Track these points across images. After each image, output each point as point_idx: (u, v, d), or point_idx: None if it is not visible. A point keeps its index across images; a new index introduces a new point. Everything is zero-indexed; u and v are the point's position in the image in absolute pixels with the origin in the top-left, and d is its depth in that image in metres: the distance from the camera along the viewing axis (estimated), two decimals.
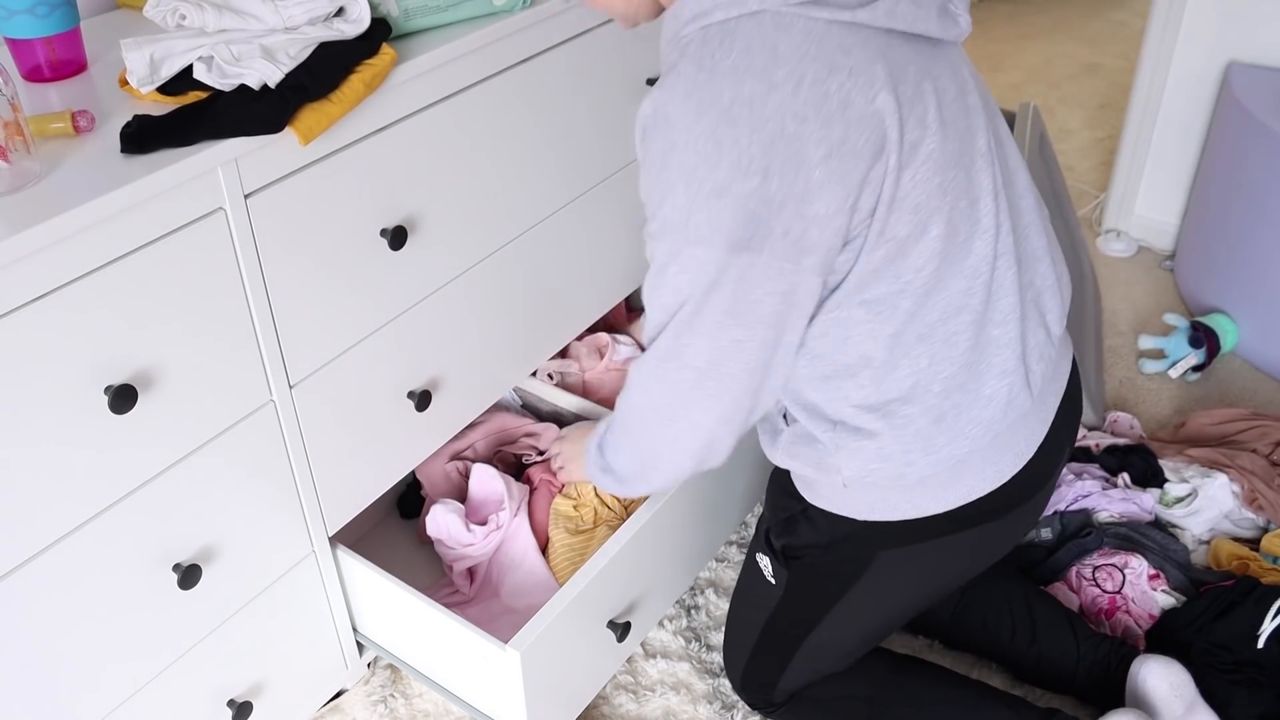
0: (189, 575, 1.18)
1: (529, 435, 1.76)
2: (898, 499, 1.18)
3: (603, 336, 1.82)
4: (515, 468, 1.76)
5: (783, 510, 1.30)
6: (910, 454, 1.12)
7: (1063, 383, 1.24)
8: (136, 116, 1.05)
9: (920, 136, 0.99)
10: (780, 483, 1.31)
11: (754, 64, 0.92)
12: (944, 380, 1.10)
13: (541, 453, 1.75)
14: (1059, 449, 1.23)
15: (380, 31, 1.21)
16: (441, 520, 1.60)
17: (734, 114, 0.92)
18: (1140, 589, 1.63)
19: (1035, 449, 1.19)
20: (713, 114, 0.93)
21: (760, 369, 1.05)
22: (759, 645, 1.40)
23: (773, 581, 1.34)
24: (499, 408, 1.79)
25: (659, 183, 0.97)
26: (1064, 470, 1.83)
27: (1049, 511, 1.79)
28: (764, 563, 1.35)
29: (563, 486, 1.64)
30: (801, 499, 1.26)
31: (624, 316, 2.00)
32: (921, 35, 1.01)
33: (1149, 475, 1.83)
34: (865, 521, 1.20)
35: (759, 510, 1.89)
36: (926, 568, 1.25)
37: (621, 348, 1.80)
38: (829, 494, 1.22)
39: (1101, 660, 1.48)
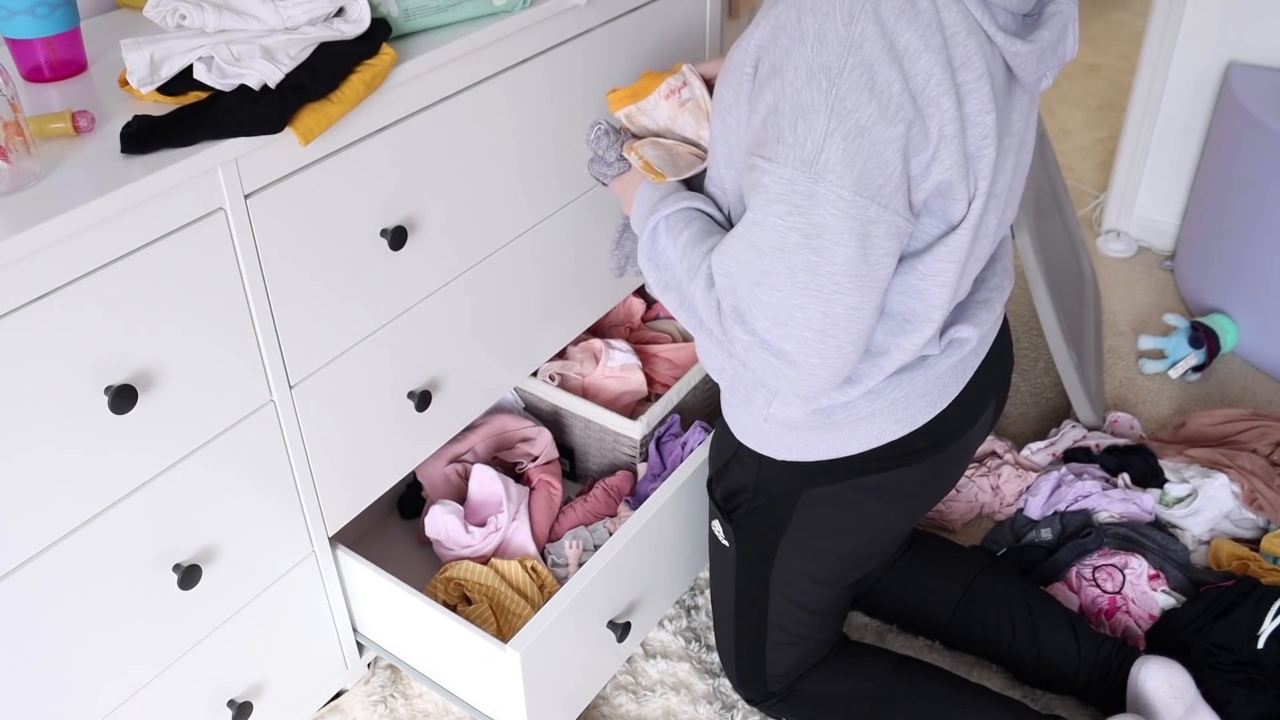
0: (189, 575, 1.18)
1: (525, 440, 1.76)
2: (813, 439, 1.21)
3: (596, 342, 1.82)
4: (512, 472, 1.76)
5: (718, 460, 1.37)
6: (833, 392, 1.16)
7: (990, 341, 1.28)
8: (136, 116, 1.05)
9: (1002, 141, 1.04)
10: (719, 428, 1.37)
11: (919, 20, 0.91)
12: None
13: (535, 458, 1.75)
14: (981, 401, 1.28)
15: (380, 31, 1.21)
16: (440, 521, 1.60)
17: (893, 57, 0.91)
18: (1140, 589, 1.63)
19: (950, 400, 1.23)
20: (874, 48, 0.90)
21: (864, 339, 1.03)
22: (738, 628, 1.43)
23: (726, 544, 1.38)
24: (499, 409, 1.80)
25: (795, 100, 0.93)
26: (1064, 470, 1.83)
27: (1049, 512, 1.79)
28: (716, 528, 1.40)
29: (561, 491, 1.64)
30: (733, 441, 1.31)
31: (631, 317, 2.00)
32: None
33: (1149, 475, 1.83)
34: (785, 461, 1.25)
35: None
36: (850, 509, 1.28)
37: (615, 353, 1.80)
38: (753, 431, 1.26)
39: (1102, 661, 1.48)
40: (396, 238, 1.29)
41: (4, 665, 1.05)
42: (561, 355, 1.82)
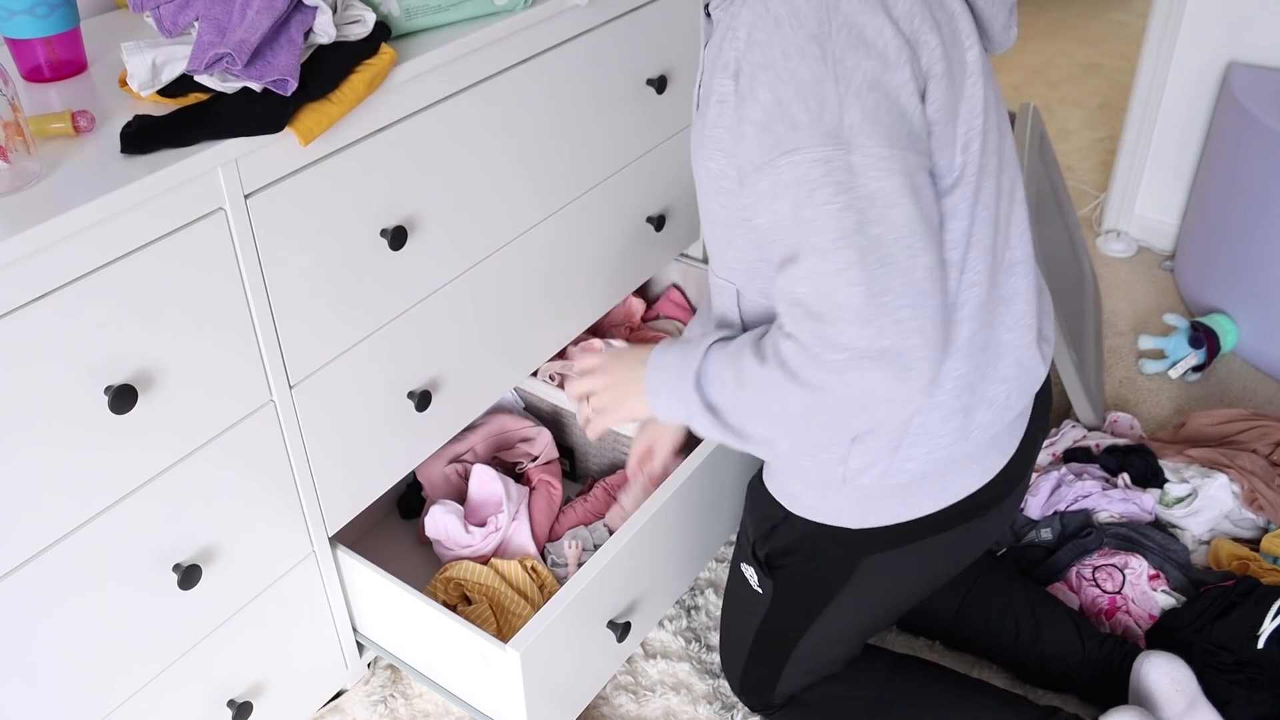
0: (189, 575, 1.18)
1: (525, 440, 1.75)
2: (886, 500, 1.16)
3: (595, 342, 1.82)
4: (512, 472, 1.76)
5: (765, 520, 1.28)
6: (914, 449, 1.12)
7: (1041, 377, 1.25)
8: (137, 116, 1.05)
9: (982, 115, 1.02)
10: (759, 491, 1.29)
11: None
12: (957, 379, 1.10)
13: (535, 458, 1.75)
14: (1035, 440, 1.25)
15: (380, 31, 1.21)
16: (440, 521, 1.60)
17: (872, 3, 0.89)
18: (1140, 589, 1.63)
19: (1018, 445, 1.20)
20: (849, 3, 0.89)
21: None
22: (753, 652, 1.40)
23: (759, 591, 1.33)
24: (499, 409, 1.80)
25: (794, 80, 0.89)
26: (1064, 470, 1.83)
27: (1049, 512, 1.79)
28: (749, 573, 1.34)
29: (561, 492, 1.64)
30: (782, 507, 1.25)
31: (631, 317, 2.00)
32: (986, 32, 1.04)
33: (1149, 475, 1.83)
34: (850, 528, 1.19)
35: None
36: (910, 569, 1.25)
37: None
38: (813, 501, 1.21)
39: (1105, 658, 1.48)
40: (396, 238, 1.29)
41: (4, 665, 1.05)
42: (561, 355, 1.82)
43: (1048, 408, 1.29)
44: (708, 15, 1.06)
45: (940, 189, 0.99)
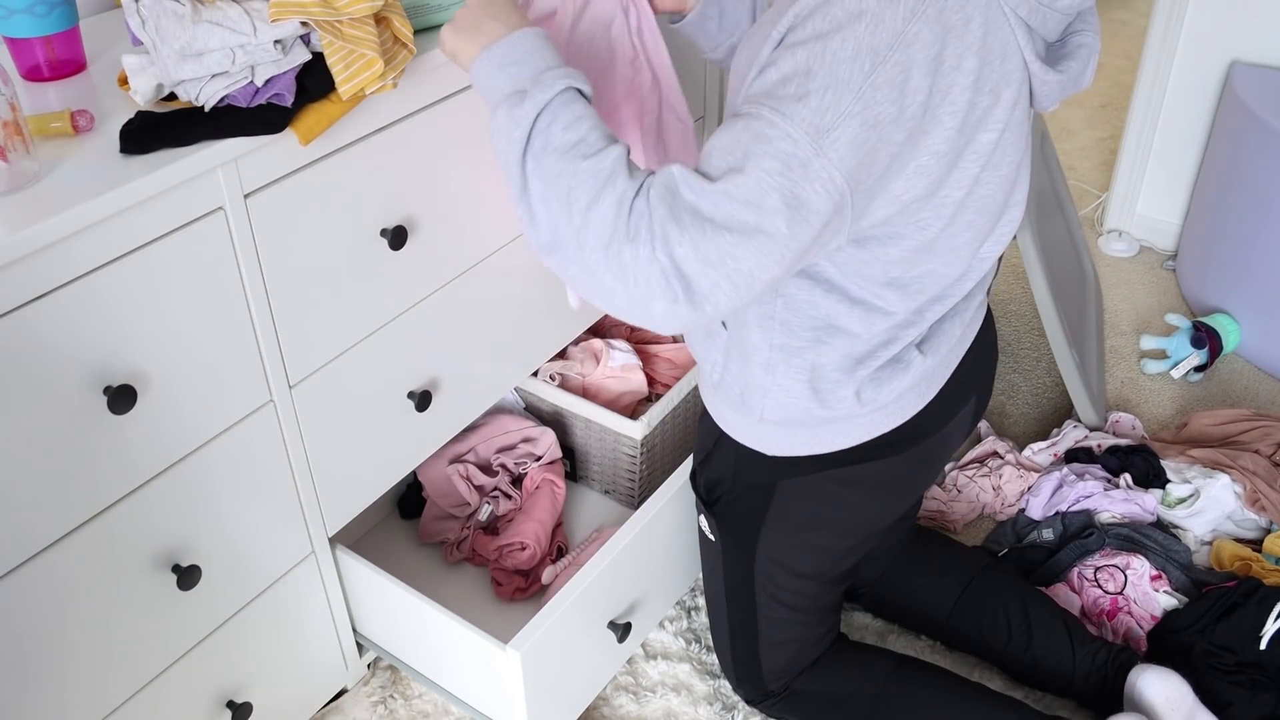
0: (188, 576, 1.18)
1: (527, 440, 1.75)
2: (804, 435, 1.22)
3: (596, 342, 1.82)
4: (515, 473, 1.76)
5: (701, 450, 1.37)
6: (840, 391, 1.17)
7: (972, 333, 1.29)
8: (140, 114, 1.05)
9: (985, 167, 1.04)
10: (703, 422, 1.36)
11: (971, 28, 0.94)
12: (887, 330, 1.15)
13: (538, 458, 1.74)
14: (961, 395, 1.29)
15: None
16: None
17: (933, 67, 0.93)
18: (1142, 590, 1.63)
19: (936, 392, 1.24)
20: (920, 52, 0.92)
21: (740, 309, 1.06)
22: (730, 625, 1.43)
23: (713, 538, 1.39)
24: (500, 410, 1.79)
25: (831, 72, 0.91)
26: (1066, 471, 1.83)
27: (1050, 512, 1.79)
28: (703, 522, 1.40)
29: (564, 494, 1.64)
30: (715, 430, 1.31)
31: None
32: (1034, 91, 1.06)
33: (1151, 476, 1.83)
34: (761, 453, 1.26)
35: None
36: (828, 500, 1.28)
37: (616, 353, 1.80)
38: (741, 427, 1.27)
39: (1098, 669, 1.48)
40: (396, 238, 1.28)
41: (4, 665, 1.05)
42: (562, 355, 1.82)
43: (989, 359, 1.34)
44: None
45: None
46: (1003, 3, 0.97)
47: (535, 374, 1.77)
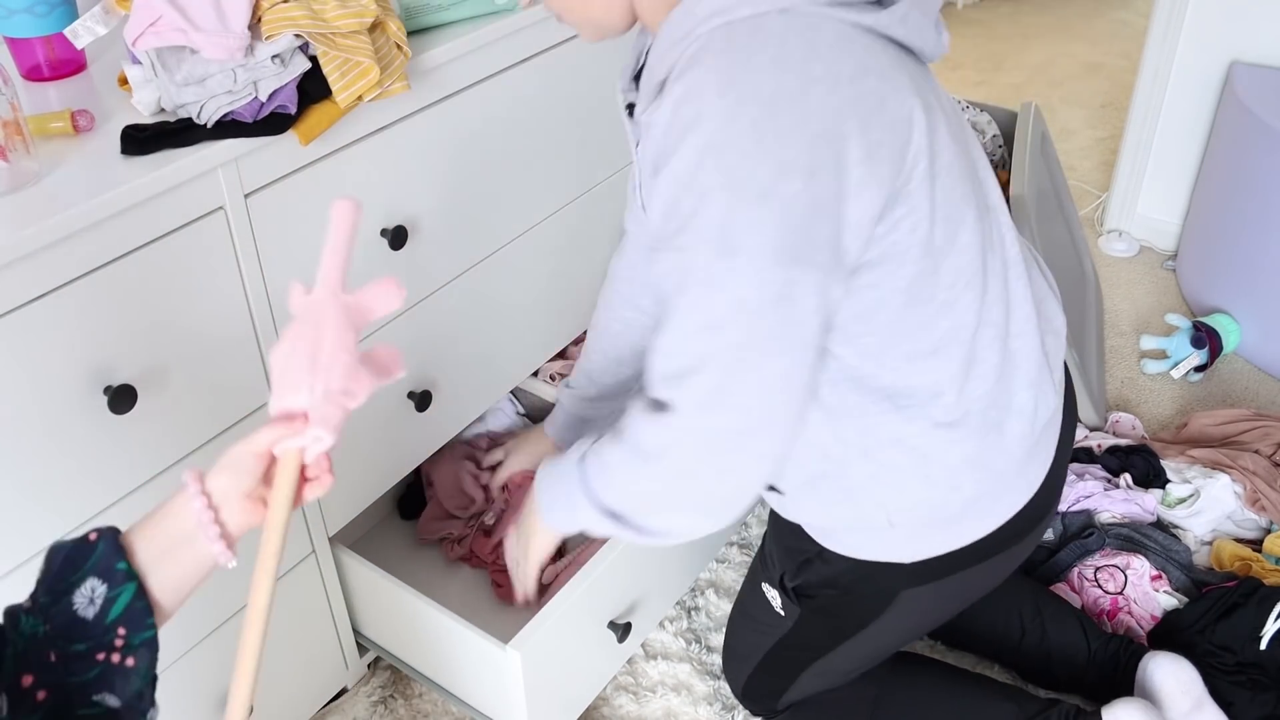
0: None
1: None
2: (937, 533, 1.13)
3: None
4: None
5: (796, 553, 1.24)
6: (958, 476, 1.08)
7: (1060, 369, 1.23)
8: (149, 125, 1.05)
9: (941, 146, 0.97)
10: (785, 524, 1.24)
11: (791, 57, 0.87)
12: (982, 397, 1.07)
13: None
14: (1067, 447, 1.23)
15: None
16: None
17: (776, 108, 0.86)
18: (1142, 590, 1.63)
19: (1055, 452, 1.17)
20: (753, 108, 0.86)
21: (804, 396, 0.97)
22: (763, 664, 1.38)
23: (781, 614, 1.30)
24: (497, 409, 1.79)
25: (691, 187, 0.88)
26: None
27: None
28: (771, 595, 1.31)
29: None
30: (814, 542, 1.20)
31: None
32: (915, 50, 0.99)
33: (1151, 476, 1.83)
34: (889, 563, 1.15)
35: (759, 511, 1.89)
36: (950, 597, 1.22)
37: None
38: (851, 539, 1.16)
39: (1111, 657, 1.48)
40: (396, 238, 1.28)
41: None
42: (562, 355, 1.82)
43: (1073, 407, 1.26)
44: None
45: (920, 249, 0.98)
46: (812, 13, 0.90)
47: (535, 374, 1.77)
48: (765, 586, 1.32)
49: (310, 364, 0.76)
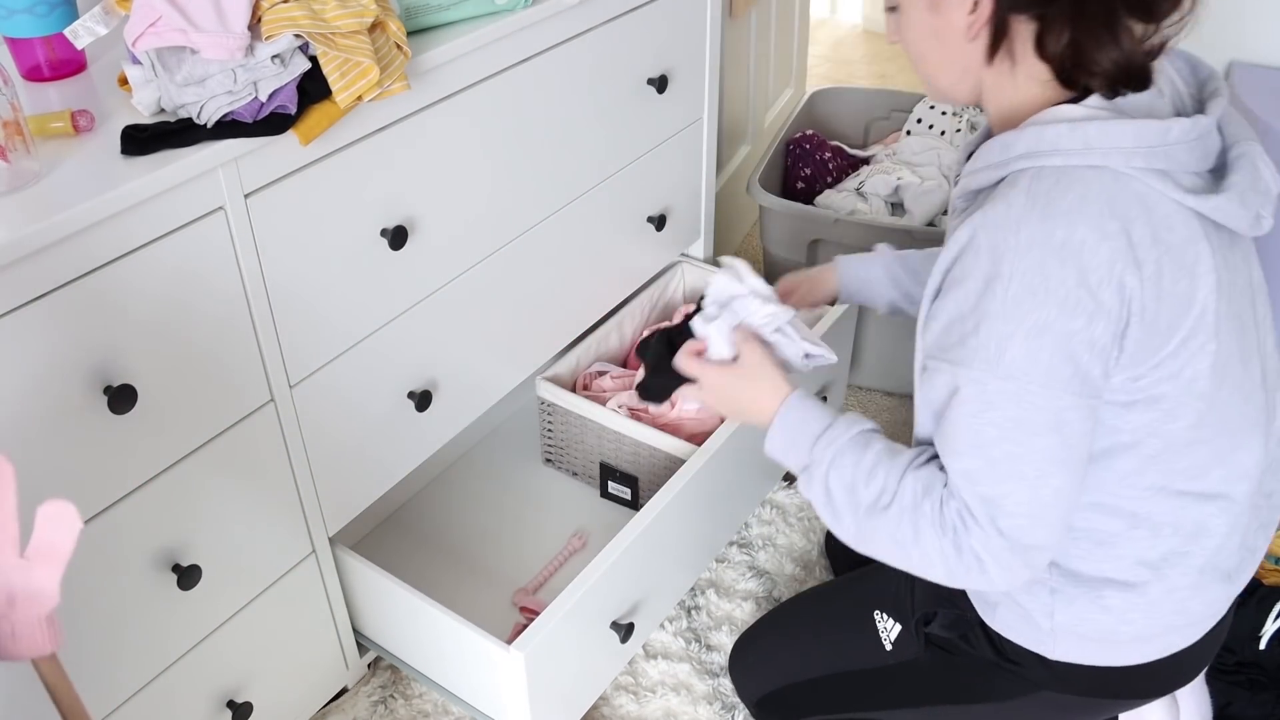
0: (189, 575, 1.18)
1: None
2: (1098, 648, 1.13)
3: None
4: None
5: (950, 606, 1.22)
6: (1130, 613, 1.09)
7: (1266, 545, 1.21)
8: (149, 125, 1.05)
9: (1214, 331, 0.99)
10: (948, 595, 1.21)
11: (1088, 211, 0.92)
12: (1208, 553, 1.08)
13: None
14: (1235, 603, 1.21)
15: None
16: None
17: (1065, 255, 0.92)
18: None
19: (1233, 599, 1.17)
20: (1043, 250, 0.92)
21: (1070, 512, 1.01)
22: (814, 684, 1.34)
23: (888, 648, 1.28)
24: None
25: (976, 309, 0.95)
26: None
27: None
28: (885, 624, 1.28)
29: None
30: (976, 611, 1.18)
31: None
32: (1230, 228, 1.02)
33: None
34: (1048, 658, 1.14)
35: (760, 511, 1.89)
36: (1077, 714, 1.20)
37: (688, 404, 1.69)
38: (1020, 627, 1.15)
39: None
40: (396, 238, 1.28)
41: (4, 665, 1.05)
42: (573, 344, 1.81)
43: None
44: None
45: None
46: (1125, 174, 0.95)
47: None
48: (879, 615, 1.29)
49: None
